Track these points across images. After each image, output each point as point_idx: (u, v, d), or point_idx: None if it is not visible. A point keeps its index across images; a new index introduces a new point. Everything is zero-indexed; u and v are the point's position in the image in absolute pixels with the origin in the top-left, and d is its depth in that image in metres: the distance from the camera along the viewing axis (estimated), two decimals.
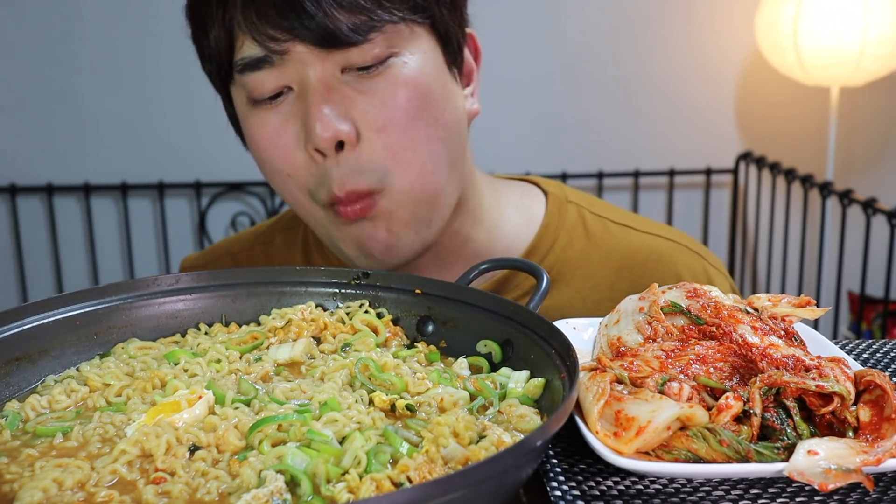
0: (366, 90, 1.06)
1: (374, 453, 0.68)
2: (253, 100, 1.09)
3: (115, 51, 3.14)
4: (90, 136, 3.24)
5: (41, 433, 0.75)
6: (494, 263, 1.01)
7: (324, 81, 1.05)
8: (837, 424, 0.74)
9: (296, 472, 0.66)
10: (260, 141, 1.10)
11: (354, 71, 1.06)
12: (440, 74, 1.11)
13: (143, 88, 3.17)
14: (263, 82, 1.07)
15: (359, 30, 1.03)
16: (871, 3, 2.91)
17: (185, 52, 1.19)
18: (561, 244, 1.26)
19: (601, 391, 0.75)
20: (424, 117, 1.08)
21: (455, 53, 1.14)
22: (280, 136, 1.09)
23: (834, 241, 3.27)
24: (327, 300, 0.98)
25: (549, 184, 1.33)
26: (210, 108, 1.34)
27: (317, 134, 1.04)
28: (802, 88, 3.34)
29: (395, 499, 0.56)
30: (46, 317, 0.87)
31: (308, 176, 1.09)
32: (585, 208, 1.30)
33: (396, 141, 1.07)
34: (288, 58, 1.04)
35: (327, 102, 1.05)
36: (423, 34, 1.09)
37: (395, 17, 1.04)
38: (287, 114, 1.08)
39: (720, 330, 0.83)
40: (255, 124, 1.10)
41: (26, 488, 0.65)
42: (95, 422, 0.76)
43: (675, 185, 3.49)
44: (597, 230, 1.28)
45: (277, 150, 1.09)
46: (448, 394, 0.80)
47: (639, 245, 1.26)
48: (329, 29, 1.01)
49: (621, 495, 0.72)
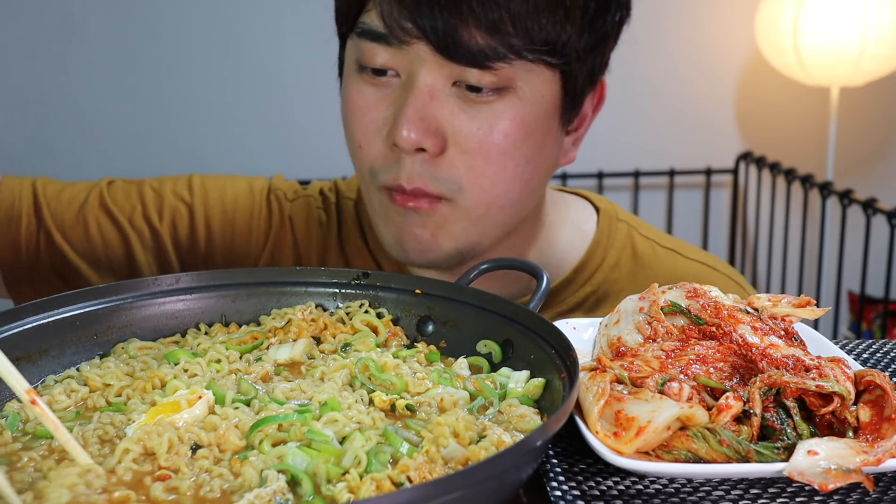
0: (468, 111, 1.03)
1: (374, 453, 0.68)
2: (361, 65, 1.07)
3: (116, 51, 3.14)
4: (90, 136, 3.24)
5: (40, 434, 0.75)
6: (494, 263, 1.01)
7: (431, 87, 1.03)
8: (837, 424, 0.74)
9: (297, 472, 0.66)
10: (351, 106, 1.09)
11: (464, 87, 1.03)
12: (548, 119, 1.08)
13: (142, 88, 3.17)
14: (375, 55, 1.05)
15: (489, 55, 0.99)
16: (871, 3, 2.91)
17: (185, 51, 1.19)
18: (609, 263, 1.25)
19: (601, 391, 0.75)
20: (516, 156, 1.06)
21: (574, 102, 1.10)
22: (369, 112, 1.07)
23: (834, 241, 3.27)
24: (327, 300, 0.98)
25: (600, 199, 1.31)
26: (210, 108, 1.34)
27: (402, 135, 1.02)
28: (802, 88, 3.34)
29: (395, 499, 0.56)
30: (46, 317, 0.87)
31: (378, 157, 1.08)
32: (634, 228, 1.29)
33: (479, 168, 1.05)
34: (407, 48, 1.02)
35: (424, 109, 1.02)
36: (549, 76, 1.05)
37: (531, 56, 1.01)
38: (385, 95, 1.06)
39: (720, 330, 0.83)
40: (353, 89, 1.09)
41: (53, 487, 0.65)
42: (95, 423, 0.76)
43: (675, 185, 3.49)
44: (644, 252, 1.27)
45: (362, 122, 1.08)
46: (448, 394, 0.80)
47: (684, 272, 1.25)
48: (460, 43, 0.98)
49: (621, 495, 0.72)
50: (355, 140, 1.10)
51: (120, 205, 1.25)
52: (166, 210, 1.25)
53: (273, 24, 3.14)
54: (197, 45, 3.10)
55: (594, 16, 1.04)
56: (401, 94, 1.05)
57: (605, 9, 1.06)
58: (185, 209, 1.26)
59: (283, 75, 3.17)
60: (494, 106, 1.03)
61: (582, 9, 1.02)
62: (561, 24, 1.01)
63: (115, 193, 1.26)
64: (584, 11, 1.02)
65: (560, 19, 1.00)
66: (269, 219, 1.28)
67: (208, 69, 3.13)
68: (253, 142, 3.21)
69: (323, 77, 3.18)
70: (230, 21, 3.12)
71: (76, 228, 1.23)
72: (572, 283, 1.23)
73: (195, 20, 3.10)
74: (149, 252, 1.24)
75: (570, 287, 1.23)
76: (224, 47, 3.13)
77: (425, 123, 1.03)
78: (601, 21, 1.05)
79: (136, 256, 1.23)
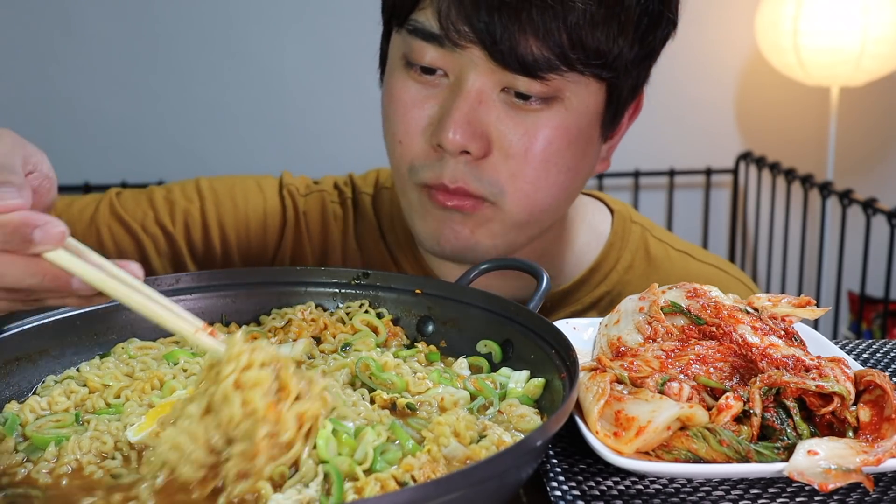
0: (515, 117, 1.04)
1: (380, 451, 0.68)
2: (408, 61, 1.07)
3: (115, 51, 3.14)
4: (90, 136, 3.24)
5: (37, 442, 0.74)
6: (494, 263, 1.01)
7: (480, 92, 1.03)
8: (837, 424, 0.74)
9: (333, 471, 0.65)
10: (394, 101, 1.09)
11: (513, 94, 1.03)
12: (591, 129, 1.09)
13: (142, 88, 3.17)
14: (424, 53, 1.04)
15: (542, 65, 1.00)
16: (871, 3, 2.91)
17: (185, 52, 1.19)
18: (624, 264, 1.26)
19: (601, 391, 0.75)
20: (558, 163, 1.07)
21: (616, 113, 1.12)
22: (413, 109, 1.07)
23: (834, 241, 3.27)
24: (327, 300, 0.98)
25: (614, 202, 1.33)
26: (210, 108, 1.34)
27: (448, 137, 1.02)
28: (802, 88, 3.34)
29: (395, 498, 0.56)
30: (46, 317, 0.87)
31: (419, 155, 1.08)
32: (648, 230, 1.31)
33: (522, 173, 1.06)
34: (460, 51, 1.02)
35: (472, 113, 1.03)
36: (595, 88, 1.06)
37: (583, 68, 1.02)
38: (431, 94, 1.06)
39: (720, 330, 0.83)
40: (398, 84, 1.08)
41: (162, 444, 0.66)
42: (91, 430, 0.75)
43: (675, 185, 3.49)
44: (658, 254, 1.28)
45: (405, 119, 1.08)
46: (448, 393, 0.80)
47: (696, 274, 1.26)
48: (515, 51, 0.99)
49: (621, 495, 0.72)
50: (396, 135, 1.09)
51: (131, 212, 1.25)
52: (178, 214, 1.25)
53: (273, 24, 3.14)
54: (197, 45, 3.10)
55: (646, 30, 1.06)
56: (448, 96, 1.05)
57: (657, 24, 1.07)
58: (196, 211, 1.26)
59: (283, 75, 3.17)
60: (541, 115, 1.04)
61: (635, 23, 1.04)
62: (614, 37, 1.02)
63: (126, 202, 1.26)
64: (636, 26, 1.04)
65: (614, 33, 1.02)
66: (283, 214, 1.29)
67: (208, 69, 3.13)
68: (253, 142, 3.21)
69: (323, 77, 3.20)
70: (230, 21, 3.12)
71: (88, 239, 1.22)
72: (587, 283, 1.25)
73: (195, 20, 3.10)
74: (164, 257, 1.24)
75: (584, 287, 1.25)
76: (224, 47, 3.13)
77: (472, 127, 1.03)
78: (651, 36, 1.07)
79: (152, 262, 1.24)
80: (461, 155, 1.04)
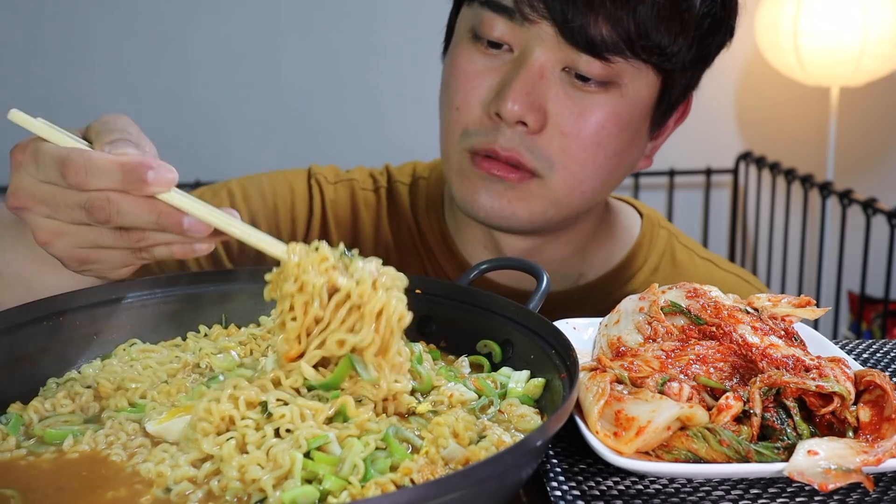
0: (573, 96, 1.08)
1: (370, 460, 0.67)
2: (476, 34, 1.11)
3: (115, 51, 3.14)
4: None
5: (50, 438, 0.75)
6: (494, 263, 1.01)
7: (543, 67, 1.07)
8: (837, 424, 0.74)
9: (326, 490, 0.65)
10: (457, 70, 1.12)
11: (573, 74, 1.07)
12: (641, 121, 1.13)
13: (142, 88, 3.17)
14: (493, 26, 1.08)
15: (609, 47, 1.04)
16: (871, 3, 2.91)
17: (185, 51, 1.19)
18: (650, 266, 1.30)
19: (601, 391, 0.75)
20: (607, 149, 1.11)
21: (667, 109, 1.16)
22: (474, 79, 1.11)
23: (834, 241, 3.27)
24: None
25: (643, 206, 1.38)
26: (210, 108, 1.34)
27: (507, 107, 1.06)
28: (802, 88, 3.34)
29: (395, 499, 0.56)
30: (47, 317, 0.86)
31: (475, 122, 1.11)
32: (675, 237, 1.35)
33: (573, 151, 1.09)
34: (529, 25, 1.06)
35: (533, 86, 1.06)
36: (652, 80, 1.11)
37: (647, 57, 1.06)
38: (495, 67, 1.10)
39: (720, 330, 0.83)
40: (463, 55, 1.12)
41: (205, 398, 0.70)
42: (107, 427, 0.76)
43: (675, 185, 3.49)
44: (683, 260, 1.32)
45: (465, 89, 1.11)
46: (459, 392, 0.80)
47: (720, 282, 1.28)
48: (585, 30, 1.03)
49: (621, 495, 0.72)
50: (454, 102, 1.13)
51: None
52: None
53: (273, 24, 3.14)
54: (197, 46, 3.10)
55: (705, 33, 1.11)
56: (511, 68, 1.08)
57: (716, 29, 1.13)
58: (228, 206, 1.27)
59: (283, 75, 3.17)
60: (597, 97, 1.08)
61: (696, 25, 1.08)
62: (676, 34, 1.07)
63: None
64: (697, 27, 1.09)
65: (676, 30, 1.07)
66: (310, 202, 1.32)
67: (208, 69, 3.13)
68: (253, 142, 3.21)
69: (323, 77, 3.19)
70: (230, 21, 3.12)
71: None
72: (615, 280, 1.28)
73: (195, 20, 3.10)
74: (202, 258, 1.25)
75: (611, 284, 1.28)
76: (224, 47, 3.13)
77: (531, 99, 1.06)
78: (710, 40, 1.12)
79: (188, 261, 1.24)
80: (517, 125, 1.08)
